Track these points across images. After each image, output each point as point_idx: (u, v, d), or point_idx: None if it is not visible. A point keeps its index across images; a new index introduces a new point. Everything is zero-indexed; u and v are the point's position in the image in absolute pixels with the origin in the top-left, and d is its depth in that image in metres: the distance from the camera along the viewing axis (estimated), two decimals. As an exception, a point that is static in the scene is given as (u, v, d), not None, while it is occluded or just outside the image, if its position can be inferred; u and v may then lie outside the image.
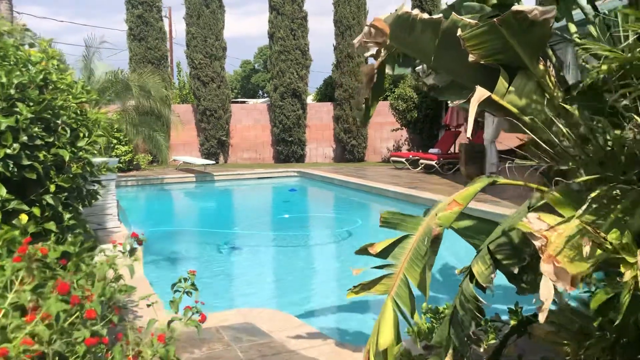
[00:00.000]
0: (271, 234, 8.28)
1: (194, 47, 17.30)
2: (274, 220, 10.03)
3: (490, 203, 8.81)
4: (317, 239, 8.17)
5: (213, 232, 8.42)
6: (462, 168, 12.66)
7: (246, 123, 18.29)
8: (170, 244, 7.65)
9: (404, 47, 2.69)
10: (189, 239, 8.03)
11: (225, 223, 9.43)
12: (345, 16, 17.45)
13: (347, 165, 16.82)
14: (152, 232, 8.41)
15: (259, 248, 7.41)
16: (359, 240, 7.91)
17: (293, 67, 17.45)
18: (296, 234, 8.37)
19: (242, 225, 9.16)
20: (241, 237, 8.04)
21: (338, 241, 8.01)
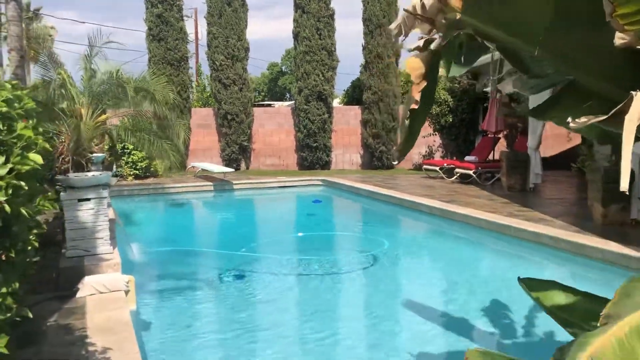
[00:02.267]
0: (282, 258, 7.08)
1: (215, 48, 16.47)
2: (289, 239, 8.84)
3: (544, 223, 7.65)
4: (334, 266, 6.93)
5: (222, 254, 7.47)
6: (504, 179, 11.51)
7: (269, 127, 17.38)
8: (172, 269, 6.72)
9: (489, 23, 1.64)
10: (192, 263, 7.04)
11: (237, 241, 8.42)
12: (375, 14, 16.40)
13: (375, 173, 15.75)
14: (155, 254, 7.52)
15: (266, 277, 6.32)
16: (385, 269, 6.75)
17: (319, 69, 16.48)
18: (311, 258, 7.24)
19: (255, 246, 8.07)
20: (249, 262, 6.96)
21: (360, 269, 6.82)
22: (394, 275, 6.64)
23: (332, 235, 9.27)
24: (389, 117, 16.61)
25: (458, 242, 8.40)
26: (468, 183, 12.87)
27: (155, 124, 7.87)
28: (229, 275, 6.37)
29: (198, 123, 16.85)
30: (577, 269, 6.44)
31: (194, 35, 30.67)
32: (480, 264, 7.21)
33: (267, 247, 8.06)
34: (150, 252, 7.57)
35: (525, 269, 6.71)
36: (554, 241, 6.98)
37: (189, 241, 8.57)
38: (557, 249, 6.89)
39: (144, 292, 5.51)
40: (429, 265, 7.29)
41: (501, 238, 7.78)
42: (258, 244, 8.30)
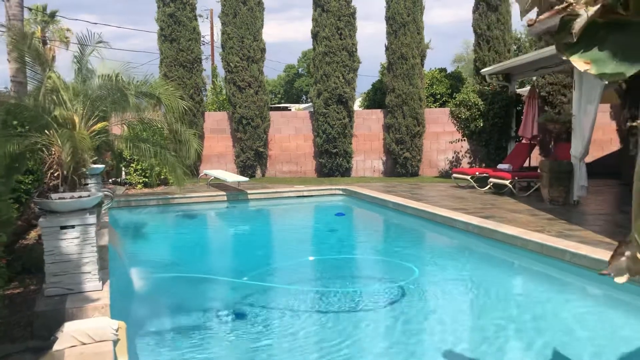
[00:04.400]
0: (291, 290, 6.10)
1: (229, 49, 15.61)
2: (302, 264, 7.58)
3: (604, 247, 6.57)
4: (351, 301, 5.74)
5: (232, 283, 6.49)
6: (545, 190, 10.44)
7: (286, 132, 16.46)
8: (173, 305, 5.77)
9: None
10: (198, 296, 6.06)
11: (247, 265, 7.47)
12: (399, 12, 15.40)
13: (399, 181, 14.74)
14: (155, 284, 6.59)
15: (270, 313, 5.33)
16: (415, 305, 5.61)
17: (339, 70, 15.52)
18: (324, 289, 6.16)
19: (263, 272, 7.01)
20: (255, 294, 5.97)
21: (384, 306, 5.66)
22: (424, 315, 5.42)
23: (350, 260, 8.05)
24: (414, 122, 15.58)
25: (502, 268, 7.34)
26: (502, 194, 11.82)
27: (160, 134, 6.97)
28: (239, 312, 5.40)
29: (212, 127, 16.01)
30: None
31: (210, 36, 30.02)
32: (533, 300, 6.10)
33: (280, 274, 7.07)
34: (149, 280, 6.64)
35: (594, 307, 5.68)
36: (621, 271, 5.93)
37: (195, 264, 7.60)
38: (631, 281, 5.84)
39: (139, 338, 4.57)
40: (467, 301, 6.02)
41: (555, 265, 6.73)
42: (270, 269, 7.27)
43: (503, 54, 15.71)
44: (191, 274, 6.88)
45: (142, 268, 7.06)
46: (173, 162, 6.51)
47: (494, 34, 15.67)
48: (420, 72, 15.77)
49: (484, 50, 15.77)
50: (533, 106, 12.82)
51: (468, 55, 59.94)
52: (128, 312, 5.00)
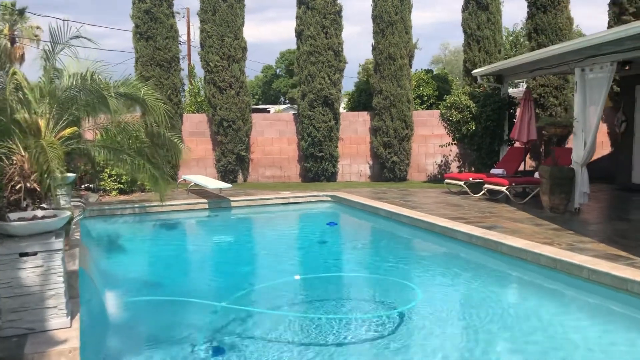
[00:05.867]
0: (275, 316, 5.38)
1: (209, 48, 14.87)
2: (287, 285, 6.73)
3: (623, 262, 6.02)
4: (341, 330, 5.05)
5: (207, 306, 5.74)
6: (545, 197, 9.95)
7: (269, 135, 15.77)
8: (146, 333, 5.06)
9: None
10: (178, 323, 5.34)
11: (229, 284, 6.76)
12: (387, 11, 14.84)
13: (388, 186, 14.16)
14: (130, 308, 5.86)
15: (250, 345, 4.63)
16: (419, 337, 4.95)
17: (324, 71, 14.89)
18: (311, 317, 5.41)
19: (246, 294, 6.27)
20: (236, 321, 5.28)
21: (380, 337, 4.90)
22: (433, 350, 4.67)
23: (341, 279, 7.27)
24: (402, 124, 15.03)
25: (517, 288, 6.79)
26: (498, 200, 11.32)
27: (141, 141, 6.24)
28: (217, 347, 4.70)
29: (190, 130, 15.23)
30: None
31: (186, 35, 29.13)
32: (550, 324, 5.52)
33: (263, 296, 6.31)
34: (125, 307, 5.89)
35: (626, 332, 5.13)
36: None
37: (175, 284, 6.85)
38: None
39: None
40: (481, 332, 5.13)
41: (571, 283, 6.19)
42: (252, 290, 6.51)
43: (494, 54, 15.26)
44: (170, 297, 6.14)
45: (117, 291, 6.32)
46: (155, 173, 5.79)
47: (484, 33, 15.21)
48: (408, 73, 15.23)
49: (474, 50, 15.30)
50: (528, 109, 12.38)
51: (446, 57, 59.92)
52: (101, 352, 4.28)
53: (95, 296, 5.52)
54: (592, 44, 8.45)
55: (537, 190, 10.77)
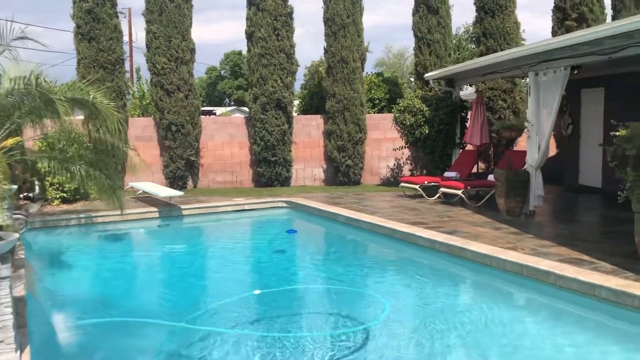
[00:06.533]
0: (231, 334, 5.08)
1: (155, 49, 14.31)
2: (246, 301, 6.33)
3: (588, 266, 6.05)
4: (306, 350, 4.75)
5: (164, 326, 5.39)
6: (501, 200, 10.03)
7: (219, 140, 15.34)
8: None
9: None
10: (125, 346, 4.94)
11: (186, 301, 6.39)
12: (339, 13, 14.71)
13: (343, 190, 14.02)
14: (82, 332, 5.42)
15: None
16: (390, 353, 4.73)
17: (276, 73, 14.60)
18: (273, 335, 5.09)
19: (204, 311, 5.90)
20: (196, 342, 4.93)
21: (347, 356, 4.63)
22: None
23: (303, 292, 6.94)
24: (356, 128, 14.93)
25: (483, 295, 6.71)
26: (453, 204, 11.37)
27: (91, 150, 5.79)
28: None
29: (137, 135, 14.60)
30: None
31: (128, 36, 28.17)
32: (521, 331, 5.47)
33: (222, 313, 5.88)
34: (75, 331, 5.44)
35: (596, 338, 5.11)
36: (615, 295, 5.45)
37: (128, 302, 6.42)
38: (619, 305, 5.36)
39: None
40: (456, 348, 4.97)
41: (539, 290, 6.18)
42: (211, 308, 6.08)
43: (444, 58, 15.40)
44: (125, 318, 5.72)
45: (67, 314, 5.84)
46: (108, 182, 5.38)
47: (435, 37, 15.33)
48: (360, 76, 15.16)
49: (425, 54, 15.40)
50: (481, 112, 12.52)
51: (389, 60, 60.70)
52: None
53: (44, 322, 5.07)
54: (548, 49, 8.58)
55: (492, 193, 10.87)
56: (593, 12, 14.52)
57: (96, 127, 5.93)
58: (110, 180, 5.55)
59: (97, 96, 5.34)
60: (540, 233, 8.26)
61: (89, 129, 6.10)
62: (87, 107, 5.87)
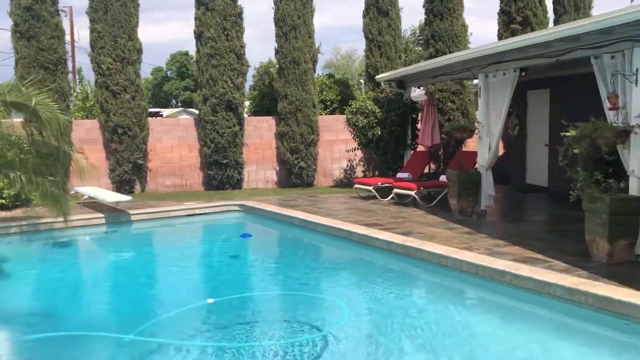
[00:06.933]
0: (184, 346, 4.86)
1: (100, 49, 13.79)
2: (200, 310, 6.11)
3: (542, 265, 6.16)
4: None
5: (111, 340, 5.13)
6: (453, 201, 10.17)
7: (168, 142, 14.94)
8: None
9: None
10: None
11: (136, 311, 6.12)
12: (289, 14, 14.59)
13: (296, 193, 13.91)
14: (23, 347, 5.11)
15: None
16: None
17: (227, 74, 14.34)
18: (228, 346, 4.87)
19: (154, 323, 5.62)
20: (145, 357, 4.75)
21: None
22: None
23: (259, 299, 6.71)
24: (309, 129, 14.84)
25: (441, 296, 6.71)
26: (406, 204, 11.44)
27: (35, 155, 5.45)
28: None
29: (81, 138, 14.03)
30: (612, 333, 5.04)
31: (70, 35, 27.16)
32: (481, 335, 5.50)
33: (174, 324, 5.65)
34: (19, 347, 5.12)
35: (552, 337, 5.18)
36: (570, 293, 5.57)
37: (75, 314, 6.11)
38: (574, 303, 5.47)
39: None
40: (414, 348, 5.02)
41: (495, 289, 6.24)
42: (162, 319, 5.83)
43: (395, 60, 15.52)
44: (72, 332, 5.41)
45: (9, 330, 5.49)
46: (53, 189, 5.07)
47: (386, 39, 15.43)
48: (312, 77, 15.09)
49: (376, 56, 15.47)
50: (432, 113, 12.67)
51: (338, 62, 61.05)
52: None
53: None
54: (498, 51, 8.73)
55: (444, 193, 11.01)
56: (537, 16, 14.96)
57: (38, 130, 5.59)
58: (54, 185, 5.23)
59: (43, 99, 5.01)
60: (493, 232, 8.39)
61: (31, 132, 5.75)
62: (27, 109, 5.53)
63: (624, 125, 6.52)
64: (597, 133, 6.44)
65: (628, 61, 6.53)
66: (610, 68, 6.84)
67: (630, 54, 6.49)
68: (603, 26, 6.26)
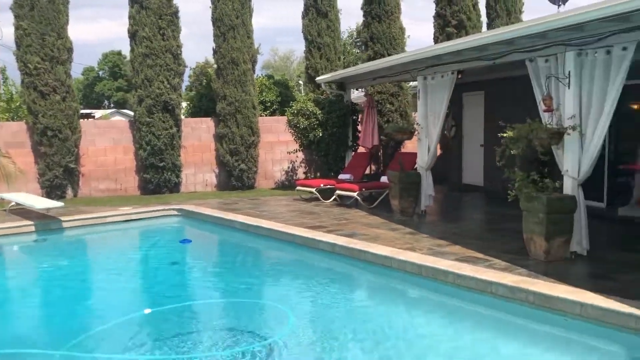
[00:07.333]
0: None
1: (27, 48, 13.08)
2: (137, 321, 5.84)
3: (483, 264, 6.28)
4: None
5: (40, 356, 4.82)
6: (395, 201, 10.26)
7: (101, 145, 14.35)
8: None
9: None
10: None
11: (68, 324, 5.78)
12: (227, 14, 14.33)
13: (237, 196, 13.67)
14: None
15: None
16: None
17: (163, 74, 13.93)
18: (165, 359, 4.70)
19: (88, 336, 5.30)
20: None
21: None
22: None
23: (200, 307, 6.45)
24: (249, 131, 14.62)
25: (388, 298, 6.69)
26: (348, 206, 11.46)
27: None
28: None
29: (6, 141, 13.24)
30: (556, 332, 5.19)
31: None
32: (425, 335, 5.52)
33: (110, 337, 5.35)
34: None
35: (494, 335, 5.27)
36: (511, 292, 5.69)
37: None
38: (515, 301, 5.59)
39: None
40: (360, 351, 4.97)
41: (439, 289, 6.30)
42: (97, 331, 5.50)
43: (334, 61, 15.56)
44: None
45: None
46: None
47: (325, 40, 15.44)
48: (252, 78, 14.89)
49: (316, 57, 15.45)
50: (372, 115, 12.76)
51: (276, 63, 60.88)
52: None
53: None
54: (436, 54, 8.87)
55: (385, 194, 11.11)
56: (471, 20, 15.40)
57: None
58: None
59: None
60: (434, 232, 8.51)
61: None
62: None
63: (558, 126, 6.74)
64: (533, 134, 6.64)
65: (561, 64, 6.77)
66: (545, 71, 7.07)
67: (563, 58, 6.73)
68: (537, 30, 6.46)
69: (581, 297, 5.17)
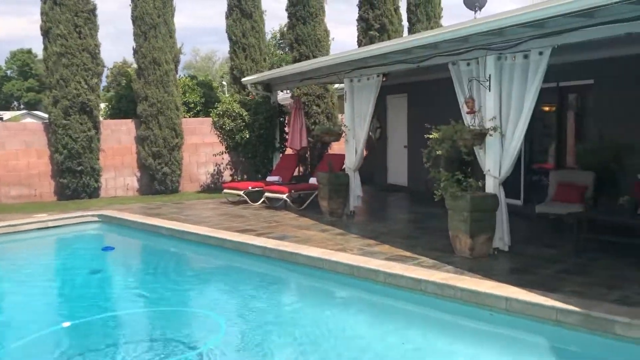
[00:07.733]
0: None
1: None
2: (54, 336, 5.44)
3: (412, 262, 6.43)
4: None
5: None
6: (324, 203, 10.30)
7: (12, 148, 13.47)
8: None
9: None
10: None
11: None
12: (148, 12, 13.86)
13: (161, 200, 13.25)
14: None
15: None
16: None
17: (80, 75, 13.27)
18: None
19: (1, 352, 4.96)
20: None
21: None
22: None
23: (125, 318, 6.13)
24: (172, 133, 14.21)
25: (321, 300, 6.68)
26: (278, 208, 11.40)
27: None
28: None
29: None
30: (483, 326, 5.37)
31: None
32: (358, 336, 5.55)
33: (25, 352, 5.02)
34: None
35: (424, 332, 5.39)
36: (440, 289, 5.84)
37: None
38: (444, 298, 5.75)
39: None
40: (295, 355, 4.92)
41: (371, 289, 6.37)
42: (10, 348, 5.13)
43: (260, 62, 15.44)
44: None
45: None
46: None
47: (250, 41, 15.30)
48: (174, 79, 14.49)
49: (241, 58, 15.27)
50: (300, 117, 12.76)
51: (197, 63, 59.75)
52: None
53: None
54: (362, 57, 8.99)
55: (314, 195, 11.13)
56: (393, 24, 15.77)
57: None
58: None
59: None
60: (363, 232, 8.61)
61: None
62: None
63: (480, 127, 7.00)
64: (458, 135, 6.87)
65: (482, 68, 7.03)
66: (467, 74, 7.32)
67: (484, 61, 6.99)
68: (461, 35, 6.67)
69: (506, 292, 5.38)
